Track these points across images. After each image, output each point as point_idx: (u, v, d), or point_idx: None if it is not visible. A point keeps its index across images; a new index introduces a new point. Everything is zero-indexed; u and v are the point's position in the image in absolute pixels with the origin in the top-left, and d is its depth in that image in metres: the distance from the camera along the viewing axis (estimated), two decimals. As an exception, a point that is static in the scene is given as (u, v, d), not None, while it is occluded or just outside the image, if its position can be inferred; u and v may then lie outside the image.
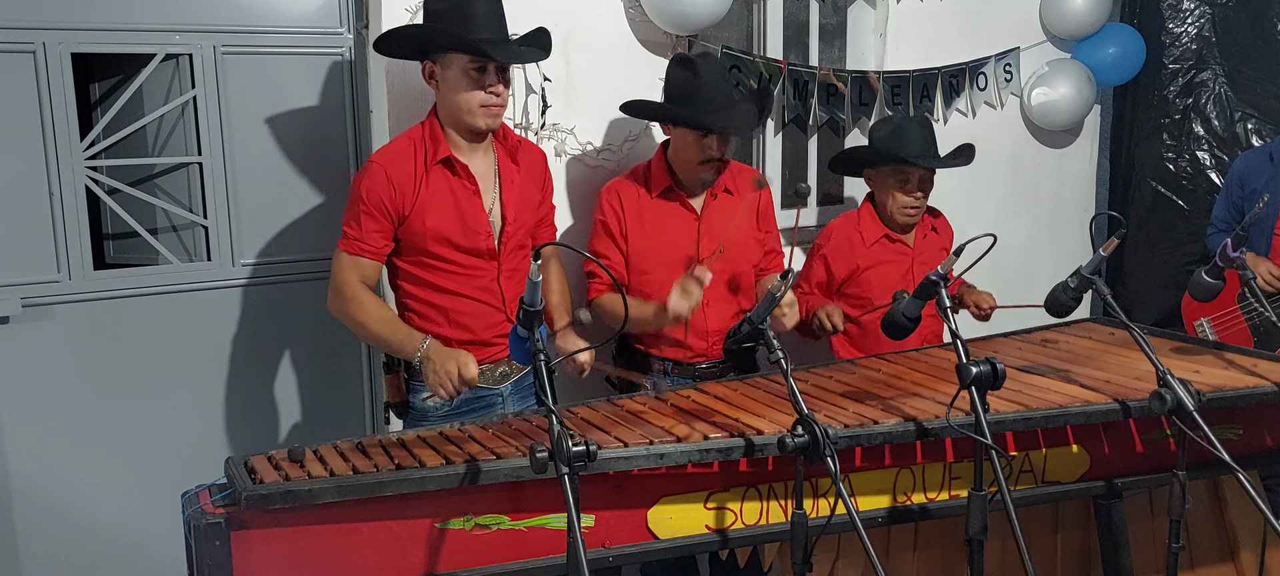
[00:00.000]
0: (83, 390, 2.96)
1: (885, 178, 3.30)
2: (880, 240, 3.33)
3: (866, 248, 3.32)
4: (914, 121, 3.36)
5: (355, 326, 2.63)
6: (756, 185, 3.06)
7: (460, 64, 2.56)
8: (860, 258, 3.32)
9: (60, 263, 2.89)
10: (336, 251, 2.63)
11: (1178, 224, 4.49)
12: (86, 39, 2.85)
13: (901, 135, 3.26)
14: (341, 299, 2.61)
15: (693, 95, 2.91)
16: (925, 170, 3.25)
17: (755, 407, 2.44)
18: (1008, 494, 2.06)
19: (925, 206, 3.32)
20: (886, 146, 3.27)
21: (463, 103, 2.58)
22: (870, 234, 3.34)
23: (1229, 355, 2.93)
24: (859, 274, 3.32)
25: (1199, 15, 4.38)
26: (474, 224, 2.66)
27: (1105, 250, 2.51)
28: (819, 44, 3.94)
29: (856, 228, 3.36)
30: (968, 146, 3.40)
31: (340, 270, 2.62)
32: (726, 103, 2.94)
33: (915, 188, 3.26)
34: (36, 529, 2.94)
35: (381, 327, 2.59)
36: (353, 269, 2.61)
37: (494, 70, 2.57)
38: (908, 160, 3.21)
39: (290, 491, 1.91)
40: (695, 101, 2.91)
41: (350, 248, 2.61)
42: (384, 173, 2.58)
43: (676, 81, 2.97)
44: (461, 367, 2.48)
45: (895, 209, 3.29)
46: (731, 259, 3.05)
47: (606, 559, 2.18)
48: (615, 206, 3.03)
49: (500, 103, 2.61)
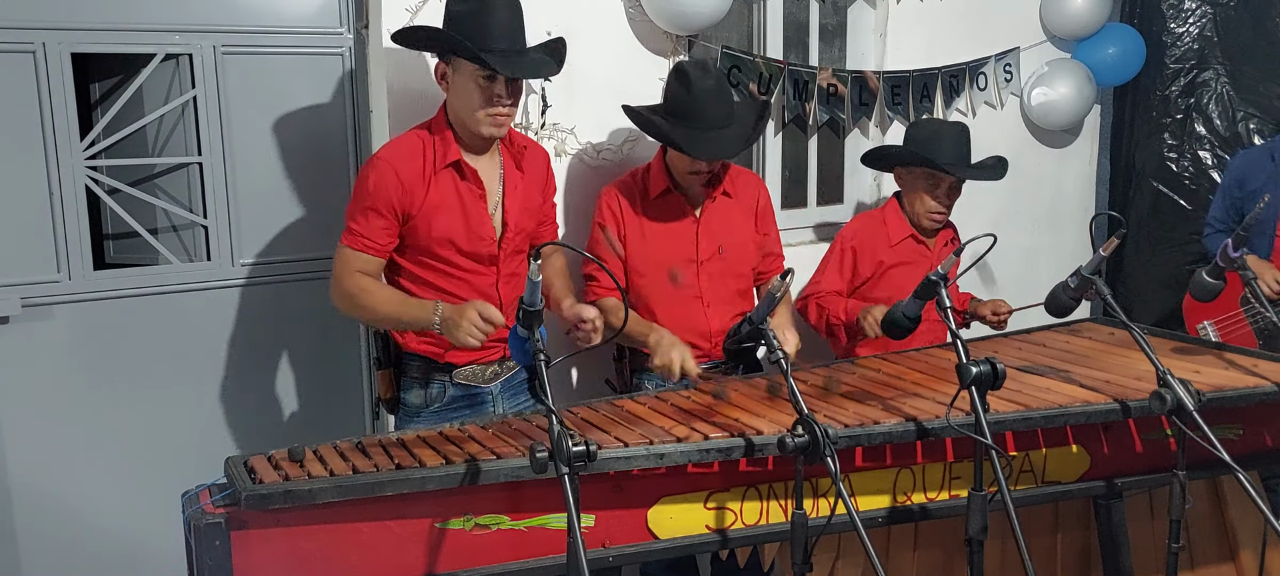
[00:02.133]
0: (83, 390, 2.96)
1: (916, 179, 3.31)
2: (906, 239, 3.34)
3: (891, 246, 3.34)
4: (951, 128, 3.37)
5: (363, 312, 2.64)
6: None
7: (470, 71, 2.55)
8: (884, 255, 3.34)
9: (60, 263, 2.89)
10: (340, 246, 2.63)
11: (1178, 224, 4.49)
12: (86, 39, 2.85)
13: (938, 140, 3.28)
14: (344, 289, 2.61)
15: (685, 111, 2.88)
16: (956, 178, 3.26)
17: (755, 407, 2.44)
18: (1008, 494, 2.06)
19: (950, 213, 3.34)
20: (921, 149, 3.28)
21: (470, 110, 2.58)
22: (896, 232, 3.35)
23: (1229, 355, 2.93)
24: (883, 271, 3.33)
25: (1200, 15, 4.37)
26: (479, 229, 2.66)
27: (1105, 250, 2.51)
28: (819, 44, 3.94)
29: (882, 225, 3.37)
30: (1001, 160, 3.40)
31: (343, 266, 2.62)
32: (720, 120, 2.90)
33: (944, 194, 3.28)
34: (36, 529, 2.94)
35: (391, 308, 2.60)
36: (356, 264, 2.60)
37: (504, 81, 2.56)
38: (940, 166, 3.22)
39: (290, 491, 1.91)
40: (685, 118, 2.88)
41: (354, 243, 2.60)
42: (393, 170, 2.58)
43: (670, 93, 2.95)
44: (481, 311, 2.47)
45: (922, 211, 3.30)
46: (731, 261, 3.05)
47: (606, 559, 2.18)
48: (614, 209, 3.03)
49: (507, 114, 2.60)
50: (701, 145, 2.87)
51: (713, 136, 2.89)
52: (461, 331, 2.47)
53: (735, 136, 2.94)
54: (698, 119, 2.88)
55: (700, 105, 2.87)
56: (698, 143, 2.87)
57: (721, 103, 2.92)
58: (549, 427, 1.82)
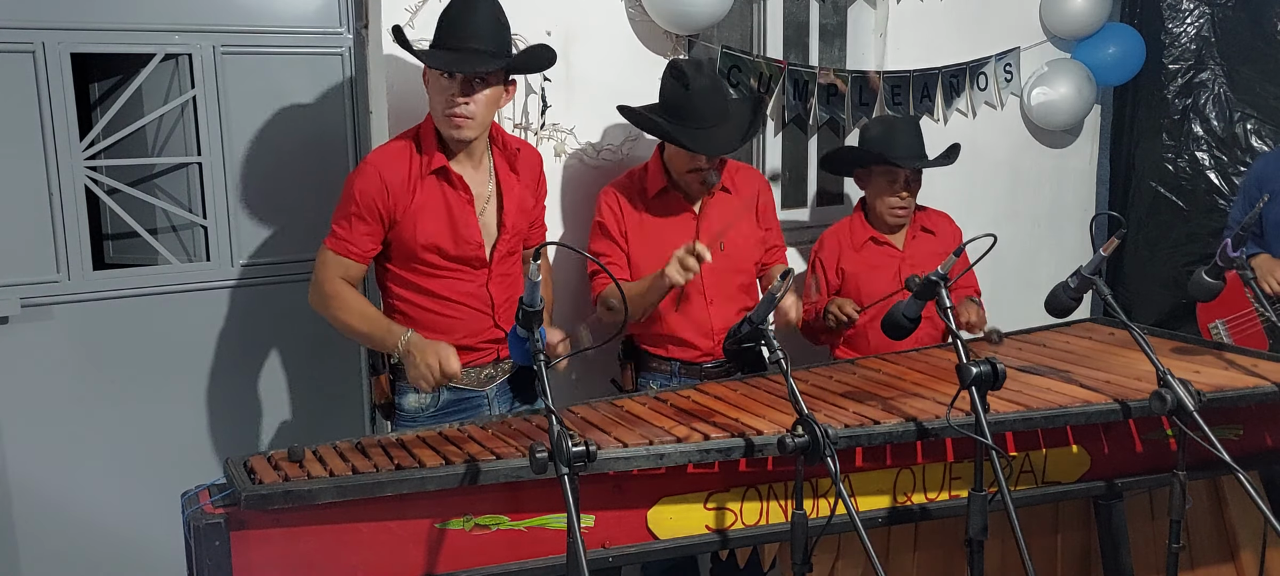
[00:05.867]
0: (82, 390, 2.96)
1: (874, 178, 3.31)
2: (867, 243, 3.34)
3: (855, 251, 3.34)
4: (902, 121, 3.38)
5: (335, 322, 2.65)
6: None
7: (432, 72, 2.57)
8: (847, 261, 3.33)
9: (60, 263, 2.89)
10: (322, 248, 2.64)
11: (1177, 224, 4.48)
12: (86, 39, 2.84)
13: (889, 135, 3.28)
14: (322, 295, 2.62)
15: (682, 109, 2.89)
16: (912, 171, 3.26)
17: (755, 407, 2.44)
18: (1008, 494, 2.06)
19: (913, 207, 3.33)
20: (874, 146, 3.28)
21: (434, 110, 2.60)
22: (858, 237, 3.35)
23: (1229, 355, 2.93)
24: (848, 278, 3.33)
25: (1198, 15, 4.37)
26: (466, 234, 2.66)
27: (1106, 250, 2.51)
28: (819, 44, 3.94)
29: (847, 231, 3.37)
30: (954, 146, 3.41)
31: (323, 267, 2.63)
32: (716, 117, 2.91)
33: (902, 188, 3.27)
34: (36, 529, 2.94)
35: (362, 323, 2.61)
36: (336, 268, 2.61)
37: (460, 81, 2.54)
38: (894, 160, 3.22)
39: (290, 491, 1.91)
40: (683, 116, 2.89)
41: (337, 247, 2.61)
42: (378, 175, 2.58)
43: (667, 92, 2.96)
44: (443, 361, 2.49)
45: (883, 209, 3.30)
46: (733, 257, 3.05)
47: (606, 559, 2.18)
48: (614, 207, 3.04)
49: (464, 115, 2.55)
50: (702, 142, 2.88)
51: (712, 133, 2.90)
52: (416, 371, 2.51)
53: (733, 132, 2.95)
54: (696, 116, 2.88)
55: (698, 103, 2.88)
56: (699, 139, 2.88)
57: (719, 100, 2.94)
58: (549, 428, 1.82)
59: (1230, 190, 4.31)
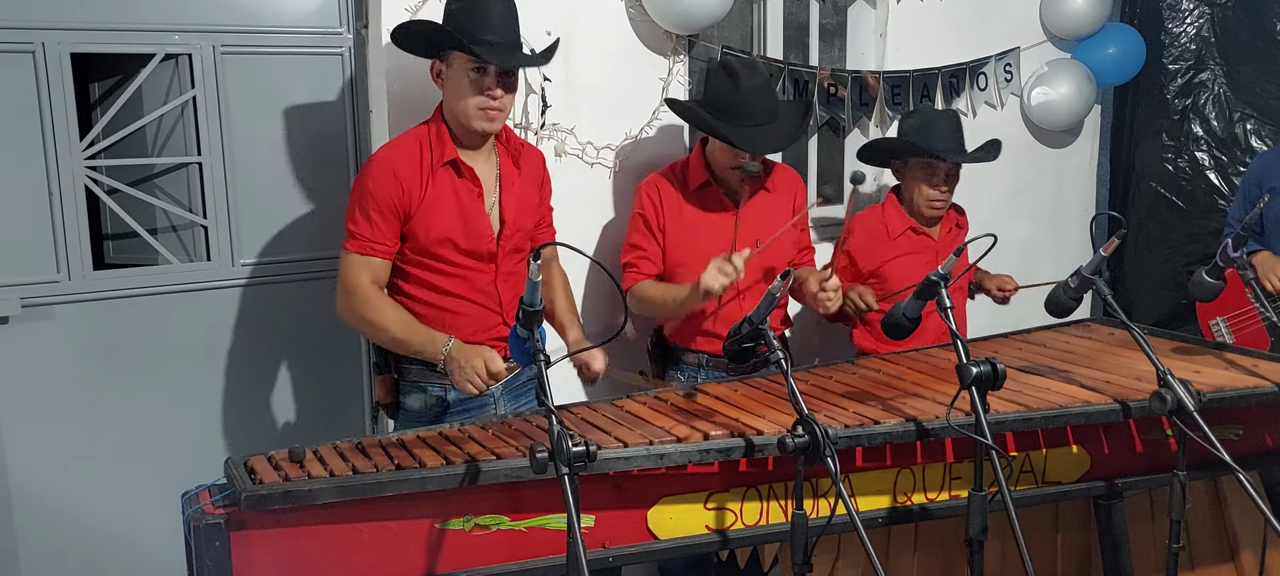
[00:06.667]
0: (82, 390, 2.96)
1: (913, 170, 3.32)
2: (905, 232, 3.34)
3: (891, 240, 3.34)
4: (943, 115, 3.38)
5: (370, 328, 2.61)
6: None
7: (461, 64, 2.55)
8: (885, 250, 3.34)
9: (60, 263, 2.89)
10: (344, 252, 2.60)
11: (1177, 224, 4.48)
12: (86, 39, 2.84)
13: (930, 128, 3.28)
14: (354, 301, 2.57)
15: (732, 106, 2.92)
16: (953, 164, 3.27)
17: (755, 408, 2.44)
18: (1008, 494, 2.06)
19: (951, 200, 3.34)
20: (915, 138, 3.28)
21: (462, 104, 2.57)
22: (895, 226, 3.35)
23: (1229, 355, 2.93)
24: (884, 266, 3.33)
25: (1198, 15, 4.37)
26: (477, 226, 2.65)
27: (1106, 250, 2.51)
28: (819, 44, 3.94)
29: (881, 220, 3.38)
30: (995, 142, 3.41)
31: (351, 271, 2.58)
32: (766, 117, 2.95)
33: (942, 181, 3.28)
34: (36, 529, 2.94)
35: (400, 330, 2.57)
36: (364, 270, 2.57)
37: (494, 74, 2.56)
38: (936, 153, 3.22)
39: (290, 491, 1.91)
40: (733, 114, 2.92)
41: (360, 248, 2.58)
42: (391, 170, 2.57)
43: (717, 88, 2.98)
44: (487, 362, 2.49)
45: (922, 201, 3.30)
46: (768, 257, 3.06)
47: (606, 559, 2.18)
48: (654, 199, 3.05)
49: (498, 106, 2.59)
50: (749, 139, 2.90)
51: (759, 132, 2.93)
52: (464, 375, 2.49)
53: (780, 132, 2.99)
54: (744, 114, 2.92)
55: (749, 100, 2.91)
56: (746, 137, 2.91)
57: (769, 100, 2.98)
58: (549, 428, 1.82)
59: (1230, 190, 4.31)
